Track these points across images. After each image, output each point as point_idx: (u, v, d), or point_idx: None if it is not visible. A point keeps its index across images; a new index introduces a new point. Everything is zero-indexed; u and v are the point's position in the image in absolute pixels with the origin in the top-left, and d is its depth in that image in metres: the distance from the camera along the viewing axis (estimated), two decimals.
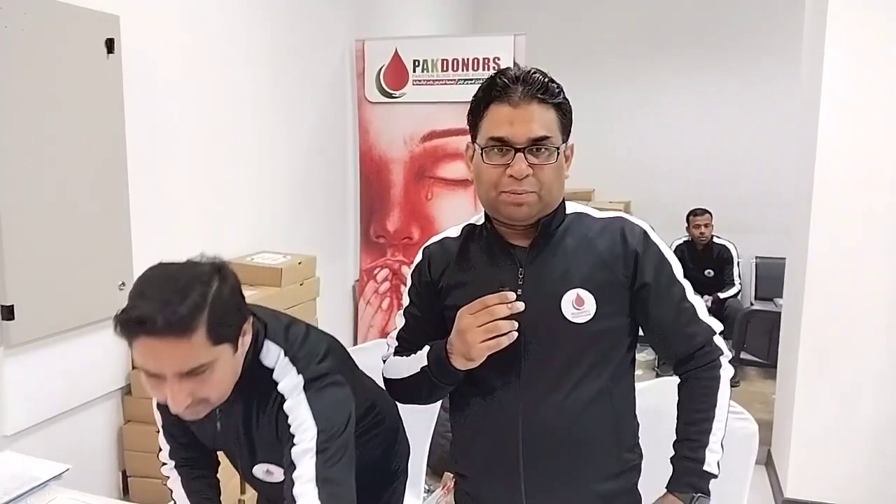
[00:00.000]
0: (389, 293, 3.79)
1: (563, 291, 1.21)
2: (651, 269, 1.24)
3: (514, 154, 1.16)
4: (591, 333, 1.21)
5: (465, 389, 1.29)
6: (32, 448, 1.88)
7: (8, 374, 1.93)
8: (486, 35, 3.78)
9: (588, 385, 1.22)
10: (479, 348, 1.15)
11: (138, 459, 2.24)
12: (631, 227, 1.27)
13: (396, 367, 1.34)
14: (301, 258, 2.93)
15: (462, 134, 3.56)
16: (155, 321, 1.01)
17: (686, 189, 5.30)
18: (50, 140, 1.99)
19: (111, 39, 2.14)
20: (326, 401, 1.19)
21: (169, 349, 1.04)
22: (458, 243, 1.33)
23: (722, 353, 1.28)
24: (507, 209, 1.20)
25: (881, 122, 2.62)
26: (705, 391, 1.26)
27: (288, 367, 1.21)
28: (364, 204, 3.82)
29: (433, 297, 1.33)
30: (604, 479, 1.26)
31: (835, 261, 2.72)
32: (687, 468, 1.23)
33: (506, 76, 1.19)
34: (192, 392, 1.10)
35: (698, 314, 1.28)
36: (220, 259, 1.16)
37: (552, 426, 1.21)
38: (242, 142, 2.92)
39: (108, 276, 2.18)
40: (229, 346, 1.11)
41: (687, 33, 5.49)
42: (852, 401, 2.76)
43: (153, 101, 2.39)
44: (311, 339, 1.29)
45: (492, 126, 1.19)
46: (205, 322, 1.05)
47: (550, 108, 1.19)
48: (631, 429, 1.32)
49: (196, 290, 1.05)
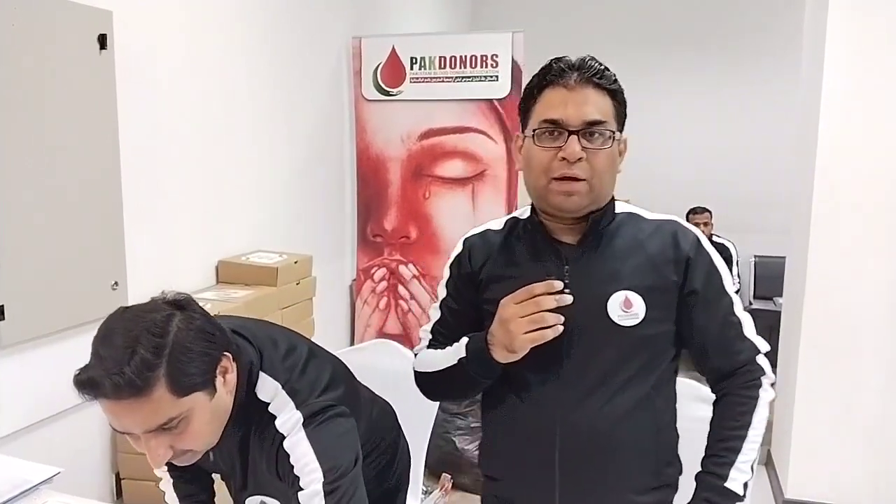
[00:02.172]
0: (387, 292, 3.76)
1: (610, 292, 1.17)
2: (701, 277, 1.20)
3: (568, 136, 1.13)
4: (638, 338, 1.16)
5: (499, 387, 1.24)
6: (25, 451, 1.85)
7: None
8: (483, 32, 3.76)
9: (631, 391, 1.17)
10: (522, 340, 1.10)
11: (132, 462, 2.21)
12: (684, 232, 1.23)
13: (430, 360, 1.29)
14: (297, 257, 2.90)
15: (459, 132, 3.58)
16: (104, 386, 0.95)
17: (685, 188, 5.29)
18: (41, 137, 1.95)
19: (104, 35, 2.11)
20: (329, 437, 1.13)
21: (129, 410, 0.98)
22: (500, 236, 1.29)
23: (764, 373, 1.21)
24: (556, 199, 1.16)
25: (881, 122, 2.62)
26: (741, 409, 1.19)
27: (286, 401, 1.15)
28: (361, 203, 3.79)
29: (472, 290, 1.28)
30: (641, 492, 1.20)
31: (835, 260, 2.71)
32: (708, 483, 1.17)
33: (562, 62, 1.17)
34: (170, 445, 1.04)
35: (744, 330, 1.22)
36: (184, 296, 1.09)
37: (591, 431, 1.16)
38: (238, 139, 2.89)
39: (101, 276, 2.16)
40: (202, 393, 1.04)
41: (686, 33, 5.49)
42: (852, 401, 2.75)
43: (147, 97, 2.36)
44: (311, 367, 1.22)
45: (545, 108, 1.16)
46: (164, 377, 0.98)
47: (606, 95, 1.16)
48: (671, 441, 1.26)
49: (147, 345, 0.98)
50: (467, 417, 3.17)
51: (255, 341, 1.20)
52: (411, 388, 1.82)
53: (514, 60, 3.38)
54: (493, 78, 3.43)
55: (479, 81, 3.47)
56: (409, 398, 1.79)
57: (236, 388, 1.13)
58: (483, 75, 3.46)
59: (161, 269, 2.43)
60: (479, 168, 3.54)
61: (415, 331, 3.72)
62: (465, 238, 1.33)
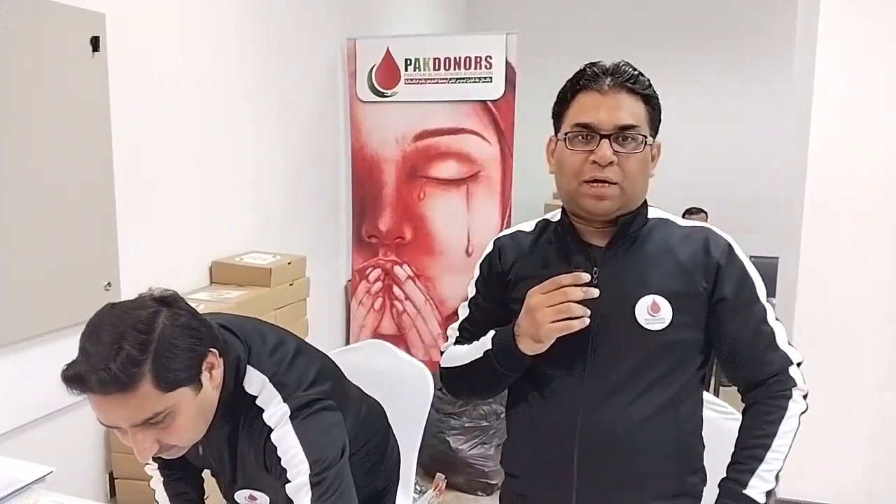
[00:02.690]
0: (382, 293, 3.77)
1: (638, 296, 1.17)
2: (732, 284, 1.19)
3: (599, 140, 1.14)
4: (664, 342, 1.17)
5: (523, 384, 1.25)
6: (18, 450, 1.85)
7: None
8: (478, 34, 3.77)
9: (654, 395, 1.17)
10: (548, 329, 1.11)
11: (125, 461, 2.22)
12: (715, 239, 1.22)
13: (457, 355, 1.30)
14: (291, 258, 2.91)
15: (454, 133, 3.59)
16: (90, 381, 0.97)
17: (681, 188, 5.28)
18: (34, 139, 1.96)
19: (96, 37, 2.12)
20: (316, 430, 1.15)
21: (115, 405, 1.00)
22: (531, 237, 1.30)
23: (796, 384, 1.19)
24: (587, 202, 1.16)
25: (873, 122, 2.63)
26: (768, 418, 1.18)
27: (273, 394, 1.16)
28: (356, 204, 3.80)
29: (501, 289, 1.29)
30: (659, 497, 1.20)
31: (827, 260, 2.72)
32: (728, 489, 1.16)
33: (596, 66, 1.18)
34: (157, 439, 1.06)
35: (777, 340, 1.21)
36: (170, 292, 1.10)
37: (611, 432, 1.17)
38: (232, 140, 2.90)
39: (94, 276, 2.16)
40: (187, 388, 1.06)
41: (682, 34, 5.49)
42: (846, 400, 2.76)
43: (140, 99, 2.37)
44: (298, 361, 1.24)
45: (578, 112, 1.17)
46: (149, 372, 1.00)
47: (639, 100, 1.17)
48: (695, 450, 1.25)
49: (133, 341, 1.00)
50: (461, 417, 3.18)
51: (243, 336, 1.22)
52: (404, 387, 1.84)
53: (508, 62, 3.39)
54: (488, 79, 3.44)
55: (474, 83, 3.47)
56: (402, 397, 1.80)
57: (224, 382, 1.14)
58: (477, 76, 3.46)
59: (155, 270, 2.43)
60: (474, 169, 3.55)
61: (409, 331, 3.72)
62: (495, 238, 1.35)
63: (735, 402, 1.53)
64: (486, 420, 3.17)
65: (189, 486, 1.42)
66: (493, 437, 3.18)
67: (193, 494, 1.42)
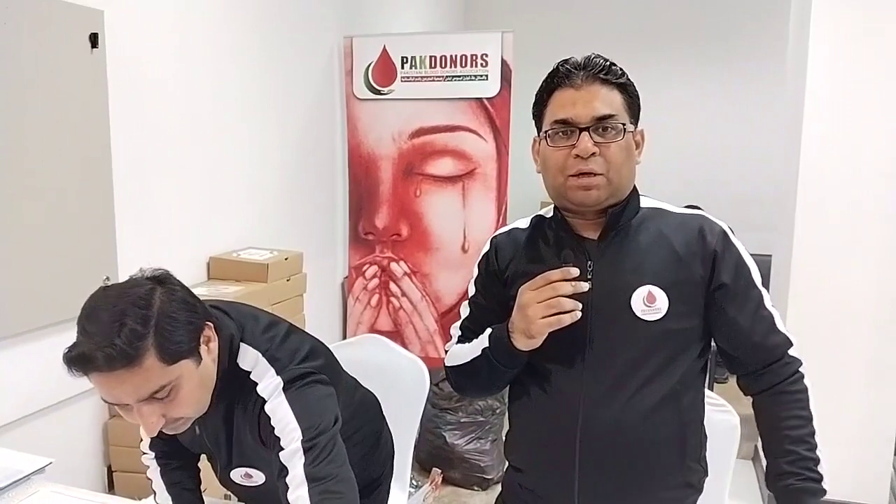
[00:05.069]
0: (378, 290, 3.79)
1: (634, 287, 1.17)
2: (730, 271, 1.19)
3: (579, 134, 1.15)
4: (662, 332, 1.17)
5: (525, 379, 1.26)
6: (17, 443, 1.87)
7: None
8: (473, 32, 3.78)
9: (655, 387, 1.17)
10: (539, 324, 1.12)
11: (124, 454, 2.23)
12: (710, 226, 1.23)
13: (458, 354, 1.32)
14: (288, 254, 2.92)
15: (450, 130, 3.60)
16: (96, 359, 0.99)
17: (675, 186, 5.29)
18: (32, 135, 1.97)
19: (95, 34, 2.13)
20: (308, 400, 1.17)
21: (121, 381, 1.03)
22: (526, 234, 1.31)
23: (801, 363, 1.22)
24: (575, 194, 1.17)
25: (864, 121, 2.65)
26: (800, 404, 1.20)
27: (266, 368, 1.19)
28: (352, 200, 3.82)
29: (499, 286, 1.31)
30: (662, 489, 1.20)
31: (819, 258, 2.74)
32: (806, 488, 1.18)
33: (568, 63, 1.20)
34: (163, 413, 1.09)
35: (776, 324, 1.22)
36: (162, 271, 1.14)
37: (613, 425, 1.17)
38: (230, 137, 2.91)
39: (92, 270, 2.17)
40: (189, 360, 1.09)
41: (676, 32, 5.52)
42: (837, 396, 2.78)
43: (138, 95, 2.38)
44: (291, 338, 1.27)
45: (555, 110, 1.18)
46: (152, 346, 1.03)
47: (614, 89, 1.18)
48: (698, 440, 1.26)
49: (134, 317, 1.03)
50: (457, 413, 3.20)
51: (236, 316, 1.25)
52: (400, 381, 1.86)
53: (503, 60, 3.41)
54: (483, 77, 3.46)
55: (470, 80, 3.49)
56: (398, 391, 1.82)
57: (218, 359, 1.17)
58: (473, 74, 3.48)
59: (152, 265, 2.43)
60: (470, 166, 3.57)
61: (406, 328, 3.74)
62: (492, 237, 1.37)
63: (730, 398, 1.56)
64: (481, 415, 3.19)
65: (185, 476, 1.44)
66: (488, 433, 3.20)
67: (190, 484, 1.44)
